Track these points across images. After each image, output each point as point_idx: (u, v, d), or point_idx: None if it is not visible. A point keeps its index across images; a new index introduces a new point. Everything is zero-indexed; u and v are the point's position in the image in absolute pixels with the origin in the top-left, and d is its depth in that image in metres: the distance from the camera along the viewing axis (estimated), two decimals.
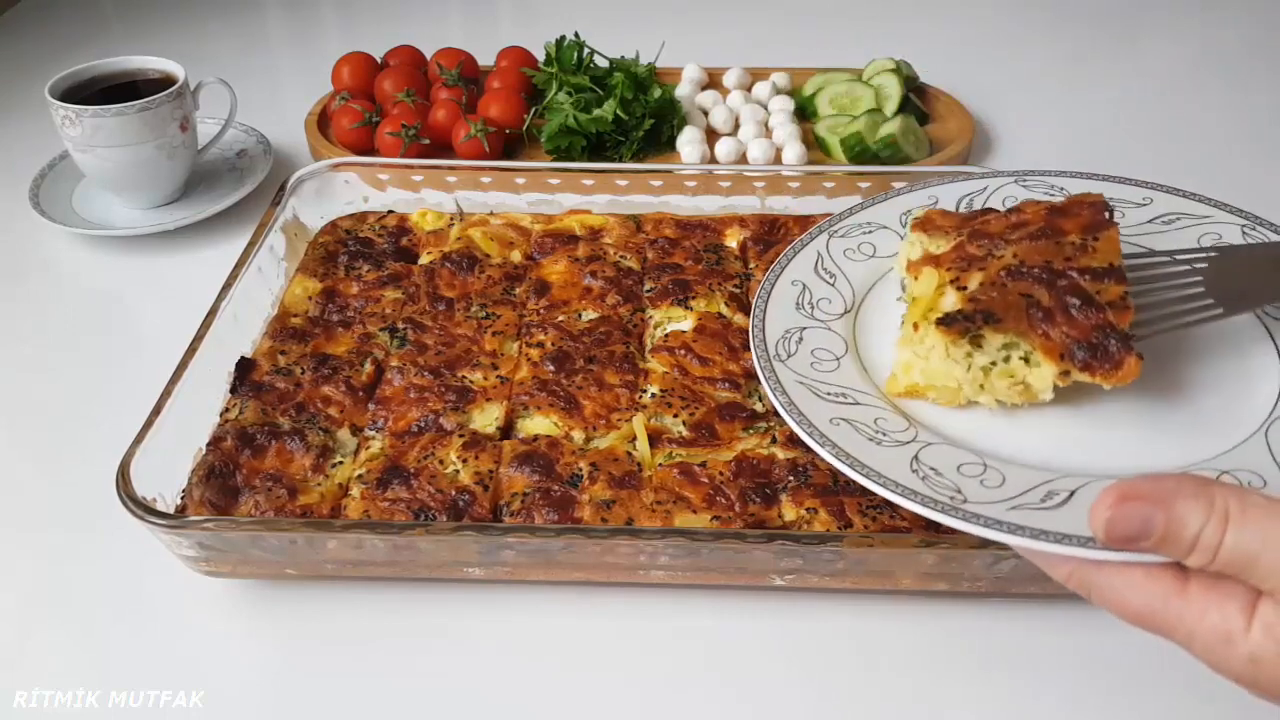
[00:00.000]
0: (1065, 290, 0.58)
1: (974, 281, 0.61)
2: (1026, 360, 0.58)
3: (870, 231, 0.75)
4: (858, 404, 0.62)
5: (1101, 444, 0.58)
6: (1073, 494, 0.53)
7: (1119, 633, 0.61)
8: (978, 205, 0.75)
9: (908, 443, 0.58)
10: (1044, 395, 0.59)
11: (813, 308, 0.69)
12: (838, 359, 0.65)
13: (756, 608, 0.67)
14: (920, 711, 0.61)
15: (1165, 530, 0.43)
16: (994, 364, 0.59)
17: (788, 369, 0.63)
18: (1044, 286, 0.59)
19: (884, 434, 0.59)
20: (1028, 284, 0.60)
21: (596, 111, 1.09)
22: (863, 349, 0.67)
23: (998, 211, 0.68)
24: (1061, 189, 0.76)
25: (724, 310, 0.82)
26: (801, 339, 0.66)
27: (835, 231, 0.75)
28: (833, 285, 0.71)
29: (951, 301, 0.61)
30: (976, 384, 0.60)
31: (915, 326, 0.61)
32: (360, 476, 0.69)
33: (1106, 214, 0.63)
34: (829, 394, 0.62)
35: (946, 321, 0.59)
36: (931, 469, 0.56)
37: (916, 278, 0.65)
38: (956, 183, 0.78)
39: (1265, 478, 0.53)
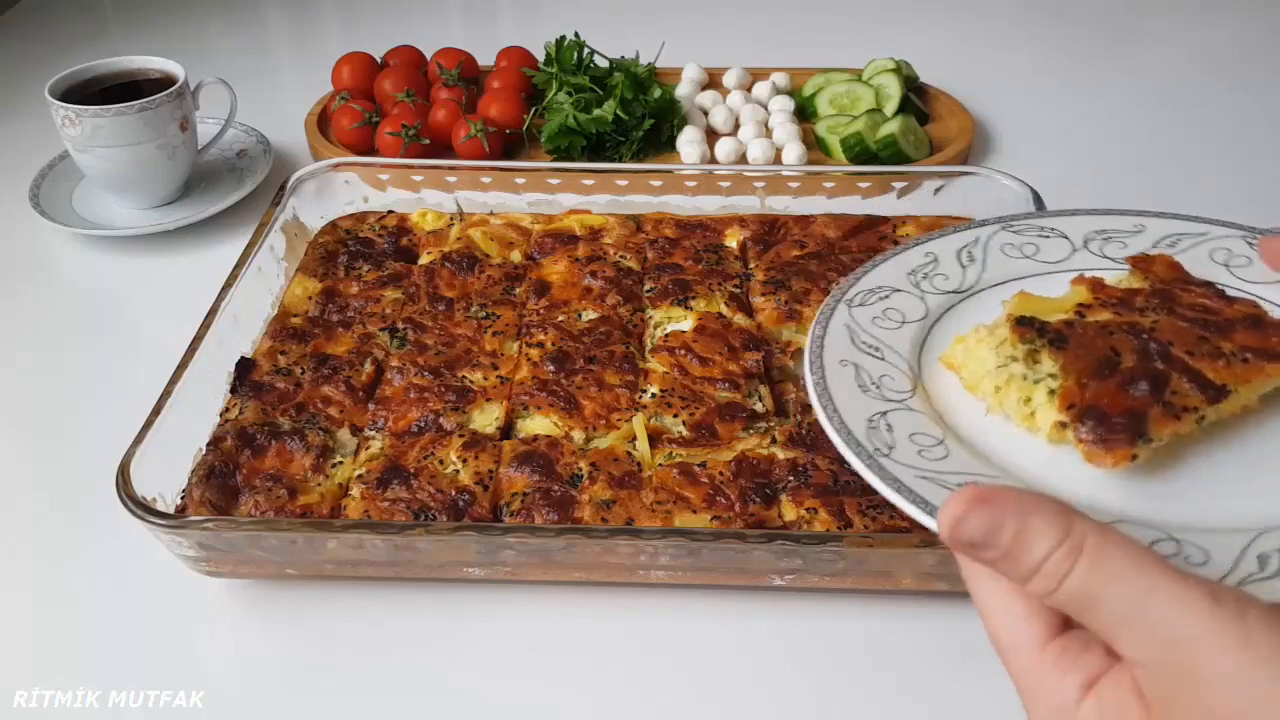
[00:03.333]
0: (1152, 374, 0.54)
1: (1095, 316, 0.59)
2: (1052, 394, 0.55)
3: (887, 296, 0.69)
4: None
5: (1088, 479, 0.54)
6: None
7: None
8: (975, 255, 0.71)
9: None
10: (1038, 433, 0.56)
11: (879, 387, 0.62)
12: (940, 441, 0.58)
13: (756, 608, 0.67)
14: (921, 711, 0.61)
15: (1010, 545, 0.38)
16: (1025, 378, 0.57)
17: (897, 463, 0.56)
18: (1140, 358, 0.55)
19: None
20: (1131, 345, 0.56)
21: (596, 111, 1.09)
22: (959, 427, 0.60)
23: (1217, 292, 0.62)
24: (1053, 229, 0.72)
25: (724, 310, 0.82)
26: (890, 425, 0.59)
27: (851, 300, 0.68)
28: (882, 360, 0.64)
29: (1058, 319, 0.59)
30: (994, 384, 0.58)
31: (1009, 316, 0.60)
32: (360, 476, 0.69)
33: None
34: (959, 486, 0.55)
35: (1023, 321, 0.58)
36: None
37: (1073, 286, 0.62)
38: (953, 234, 0.73)
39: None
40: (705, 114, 1.19)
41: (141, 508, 0.61)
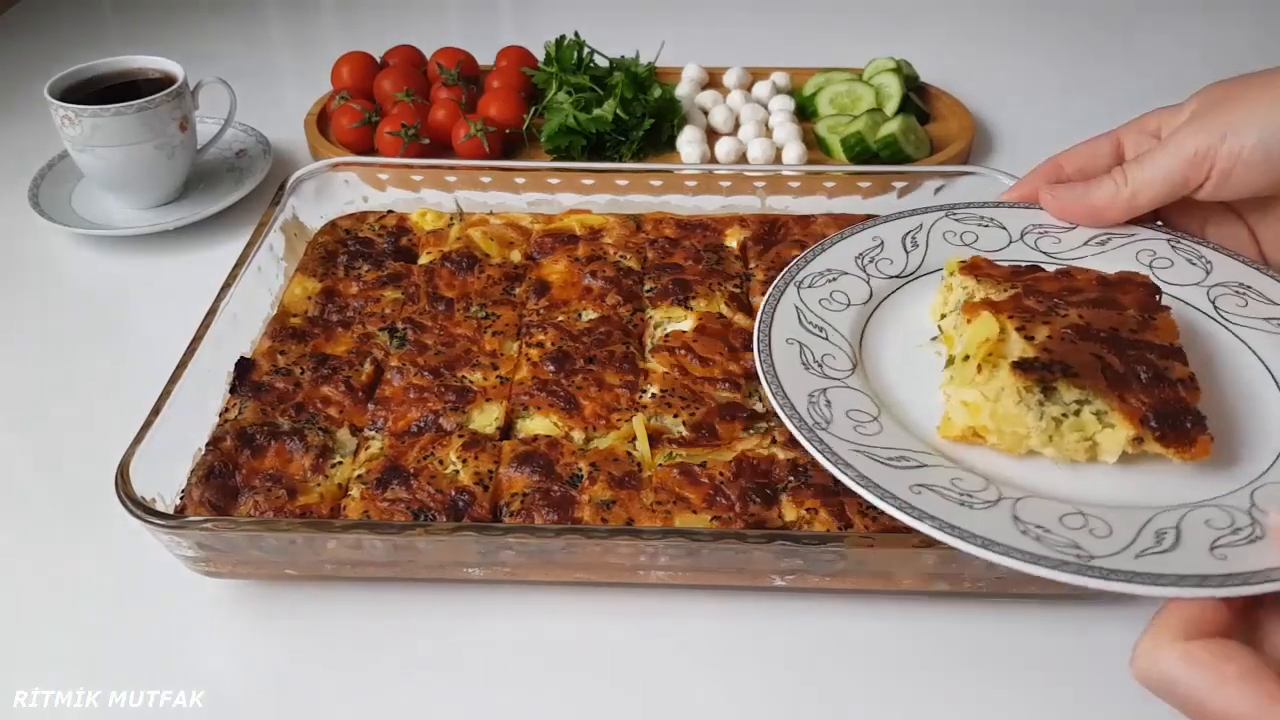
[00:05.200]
0: (1134, 360, 0.58)
1: (1041, 334, 0.60)
2: (1099, 418, 0.57)
3: (835, 279, 0.72)
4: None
5: (1158, 476, 0.58)
6: (1179, 531, 0.52)
7: (1119, 632, 0.61)
8: (919, 241, 0.73)
9: (995, 501, 0.55)
10: (1108, 458, 0.58)
11: (820, 365, 0.65)
12: (875, 418, 0.61)
13: (757, 608, 0.67)
14: (921, 712, 0.61)
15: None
16: (1065, 416, 0.58)
17: (834, 436, 0.59)
18: (1113, 352, 0.59)
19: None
20: (1097, 345, 0.59)
21: (596, 111, 1.09)
22: (893, 405, 0.63)
23: (1045, 271, 0.67)
24: (992, 219, 0.75)
25: (724, 310, 0.82)
26: (829, 401, 0.62)
27: (800, 282, 0.71)
28: (826, 340, 0.67)
29: (1019, 349, 0.60)
30: (1046, 434, 0.58)
31: (979, 368, 0.59)
32: (360, 477, 0.69)
33: (1157, 296, 0.63)
34: (889, 459, 0.58)
35: (1022, 366, 0.58)
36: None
37: (970, 320, 0.63)
38: (899, 220, 0.76)
39: None
40: (705, 114, 1.19)
41: (141, 508, 0.61)
